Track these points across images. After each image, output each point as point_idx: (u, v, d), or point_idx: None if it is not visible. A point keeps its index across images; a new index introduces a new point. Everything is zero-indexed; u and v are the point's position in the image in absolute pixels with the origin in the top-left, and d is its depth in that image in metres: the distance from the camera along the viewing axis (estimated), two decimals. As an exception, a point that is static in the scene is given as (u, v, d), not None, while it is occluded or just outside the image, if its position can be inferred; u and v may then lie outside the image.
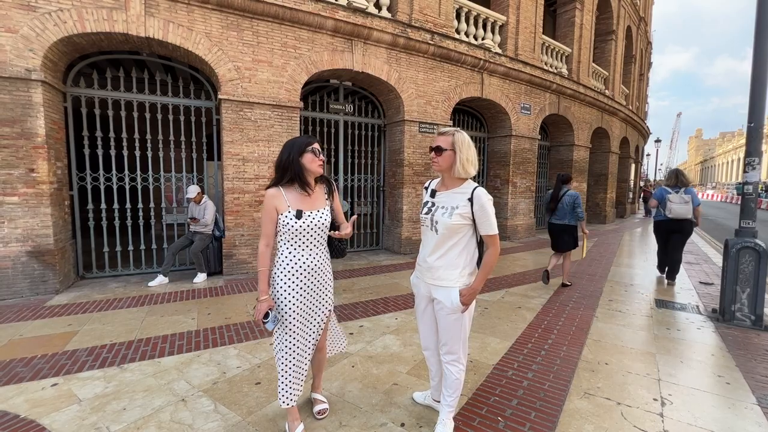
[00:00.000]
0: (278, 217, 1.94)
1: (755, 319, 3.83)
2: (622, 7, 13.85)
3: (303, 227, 1.93)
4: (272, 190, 1.96)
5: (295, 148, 1.95)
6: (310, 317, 2.05)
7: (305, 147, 1.94)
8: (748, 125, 3.90)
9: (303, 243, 1.98)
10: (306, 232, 1.96)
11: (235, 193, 5.71)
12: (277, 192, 1.96)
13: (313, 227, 1.96)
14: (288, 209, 1.93)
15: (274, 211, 1.94)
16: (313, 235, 1.99)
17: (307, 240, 1.98)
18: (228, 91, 5.48)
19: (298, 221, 1.92)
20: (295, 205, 1.94)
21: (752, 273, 3.83)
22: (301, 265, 1.98)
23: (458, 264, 1.96)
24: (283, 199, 1.95)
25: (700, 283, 5.57)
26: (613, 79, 13.78)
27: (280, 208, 1.94)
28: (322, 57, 6.19)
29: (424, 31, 7.11)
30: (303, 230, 1.94)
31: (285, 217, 1.93)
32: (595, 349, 3.27)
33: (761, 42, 3.77)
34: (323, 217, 2.00)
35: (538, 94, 9.85)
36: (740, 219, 3.98)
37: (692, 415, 2.34)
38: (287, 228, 1.93)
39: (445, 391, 2.11)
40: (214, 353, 3.14)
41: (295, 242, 1.97)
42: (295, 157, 1.93)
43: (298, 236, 1.96)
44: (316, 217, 1.98)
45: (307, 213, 1.95)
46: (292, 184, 1.97)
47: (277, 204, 1.94)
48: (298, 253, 1.98)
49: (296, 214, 1.92)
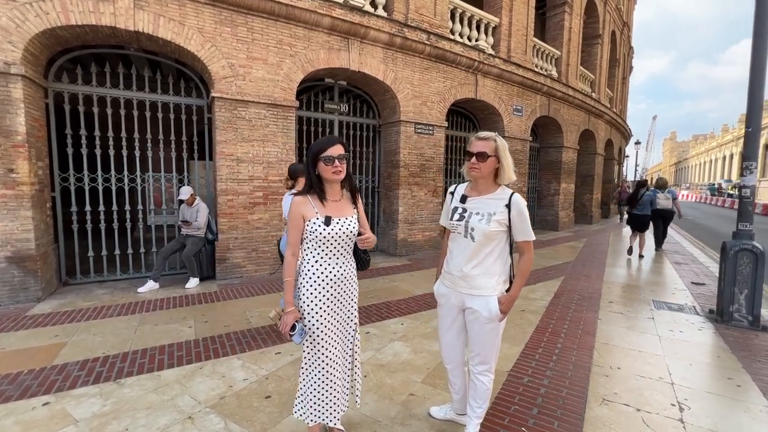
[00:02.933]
0: (305, 224, 1.85)
1: (753, 320, 3.91)
2: (608, 12, 14.15)
3: (331, 235, 1.83)
4: (299, 198, 1.86)
5: (311, 157, 1.85)
6: (340, 329, 1.95)
7: (318, 155, 1.81)
8: (746, 130, 3.98)
9: (330, 251, 1.88)
10: (334, 240, 1.86)
11: (229, 194, 5.51)
12: (303, 199, 1.86)
13: (341, 235, 1.86)
14: (316, 216, 1.83)
15: (301, 219, 1.84)
16: (341, 243, 1.89)
17: (334, 248, 1.88)
18: (221, 89, 5.28)
19: (326, 228, 1.82)
20: (324, 212, 1.85)
21: (750, 274, 3.91)
22: (327, 274, 1.88)
23: (495, 271, 1.90)
24: (310, 206, 1.85)
25: (692, 284, 5.69)
26: (599, 82, 14.06)
27: (307, 215, 1.84)
28: (319, 55, 6.04)
29: (420, 31, 7.04)
30: (331, 238, 1.84)
31: (313, 224, 1.83)
32: (604, 353, 3.27)
33: (758, 50, 3.85)
34: (351, 224, 1.90)
35: (530, 96, 9.94)
36: (738, 222, 4.06)
37: (711, 420, 2.34)
38: (315, 235, 1.83)
39: (474, 403, 2.04)
40: (217, 365, 2.99)
41: (322, 250, 1.87)
42: (311, 168, 1.85)
43: (325, 244, 1.86)
44: (345, 224, 1.87)
45: (336, 220, 1.85)
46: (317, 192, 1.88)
47: (304, 211, 1.84)
48: (325, 262, 1.88)
49: (325, 221, 1.83)
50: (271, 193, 5.82)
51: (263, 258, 5.82)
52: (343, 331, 1.98)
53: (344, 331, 1.98)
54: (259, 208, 5.74)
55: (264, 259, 5.83)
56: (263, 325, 3.81)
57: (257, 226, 5.75)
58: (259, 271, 5.80)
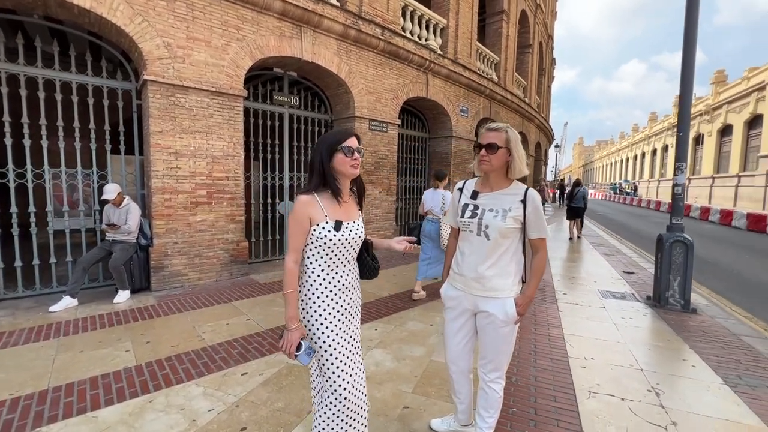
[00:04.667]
0: (311, 228, 1.57)
1: (684, 303, 4.39)
2: (537, 24, 15.31)
3: (341, 241, 1.59)
4: (305, 197, 1.58)
5: (325, 148, 1.59)
6: (352, 344, 1.68)
7: (336, 145, 1.58)
8: (677, 134, 4.46)
9: (338, 258, 1.63)
10: (344, 247, 1.61)
11: (166, 193, 4.81)
12: (311, 199, 1.58)
13: (350, 241, 1.63)
14: (325, 219, 1.57)
15: (308, 222, 1.57)
16: (349, 250, 1.65)
17: (342, 256, 1.63)
18: (156, 71, 4.58)
19: (336, 234, 1.57)
20: (333, 215, 1.59)
21: (682, 263, 4.38)
22: (336, 284, 1.63)
23: (510, 271, 1.79)
24: (319, 208, 1.58)
25: (624, 273, 6.30)
26: (530, 88, 15.16)
27: (315, 218, 1.57)
28: (269, 42, 5.56)
29: (374, 25, 6.86)
30: (341, 245, 1.59)
31: (322, 228, 1.57)
32: (575, 344, 3.40)
33: (687, 64, 4.31)
34: (360, 229, 1.69)
35: (474, 98, 10.31)
36: (671, 216, 4.54)
37: (685, 402, 2.50)
38: (323, 241, 1.58)
39: (485, 413, 1.91)
40: (171, 395, 2.51)
41: (329, 258, 1.61)
42: (325, 160, 1.58)
43: (333, 251, 1.60)
44: (354, 228, 1.65)
45: (346, 224, 1.61)
46: (325, 190, 1.62)
47: (312, 213, 1.57)
48: (332, 271, 1.62)
49: (335, 226, 1.58)
50: (217, 192, 5.21)
51: (208, 264, 5.19)
52: (355, 345, 1.72)
53: (355, 345, 1.72)
54: (202, 208, 5.10)
55: (209, 265, 5.20)
56: (220, 342, 3.34)
57: (200, 229, 5.11)
58: (204, 279, 5.16)
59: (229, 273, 5.41)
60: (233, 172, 5.36)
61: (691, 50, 4.28)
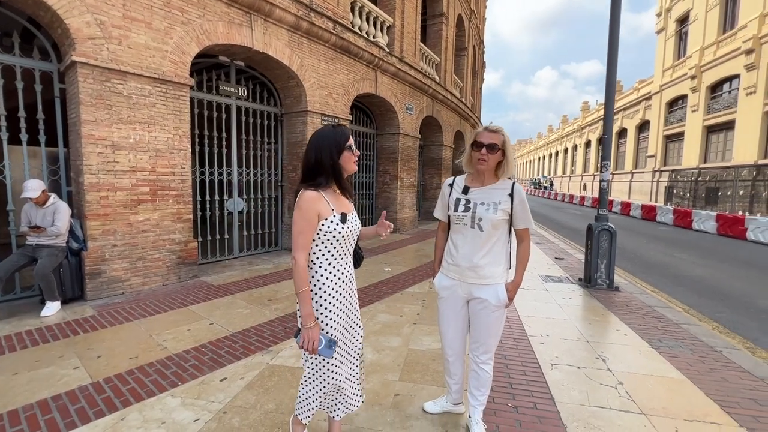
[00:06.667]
0: (318, 223, 1.62)
1: (609, 283, 5.10)
2: (471, 29, 16.22)
3: (347, 232, 1.67)
4: (312, 193, 1.60)
5: (333, 146, 1.64)
6: (351, 334, 1.81)
7: (344, 145, 1.66)
8: (602, 136, 5.13)
9: (343, 251, 1.71)
10: (348, 238, 1.70)
11: (102, 190, 4.30)
12: (317, 195, 1.62)
13: (353, 232, 1.73)
14: (333, 213, 1.63)
15: (316, 218, 1.61)
16: (351, 241, 1.74)
17: (345, 248, 1.72)
18: (86, 52, 4.05)
19: (343, 226, 1.65)
20: (338, 209, 1.67)
21: (607, 249, 5.08)
22: (341, 276, 1.71)
23: (501, 260, 1.98)
24: (325, 202, 1.63)
25: (556, 259, 7.08)
26: (466, 89, 16.06)
27: (323, 213, 1.62)
28: (217, 28, 5.20)
29: (326, 19, 6.76)
30: (347, 236, 1.68)
31: (330, 222, 1.62)
32: (531, 324, 3.79)
33: (610, 82, 4.98)
34: (357, 220, 1.79)
35: (419, 96, 10.67)
36: (598, 208, 5.23)
37: (626, 365, 2.97)
38: (332, 235, 1.64)
39: (476, 392, 2.10)
40: (145, 410, 2.31)
41: (336, 250, 1.68)
42: (335, 158, 1.64)
43: (340, 243, 1.68)
44: (355, 220, 1.76)
45: (349, 216, 1.71)
46: (327, 186, 1.67)
47: (320, 209, 1.61)
48: (338, 263, 1.70)
49: (341, 218, 1.65)
50: (161, 188, 4.78)
51: (153, 268, 4.75)
52: (354, 335, 1.83)
53: (354, 335, 1.83)
54: (145, 206, 4.65)
55: (154, 268, 4.76)
56: (186, 349, 3.13)
57: (143, 229, 4.65)
58: (149, 284, 4.72)
59: (177, 276, 5.00)
60: (180, 166, 4.95)
61: (612, 67, 4.95)
